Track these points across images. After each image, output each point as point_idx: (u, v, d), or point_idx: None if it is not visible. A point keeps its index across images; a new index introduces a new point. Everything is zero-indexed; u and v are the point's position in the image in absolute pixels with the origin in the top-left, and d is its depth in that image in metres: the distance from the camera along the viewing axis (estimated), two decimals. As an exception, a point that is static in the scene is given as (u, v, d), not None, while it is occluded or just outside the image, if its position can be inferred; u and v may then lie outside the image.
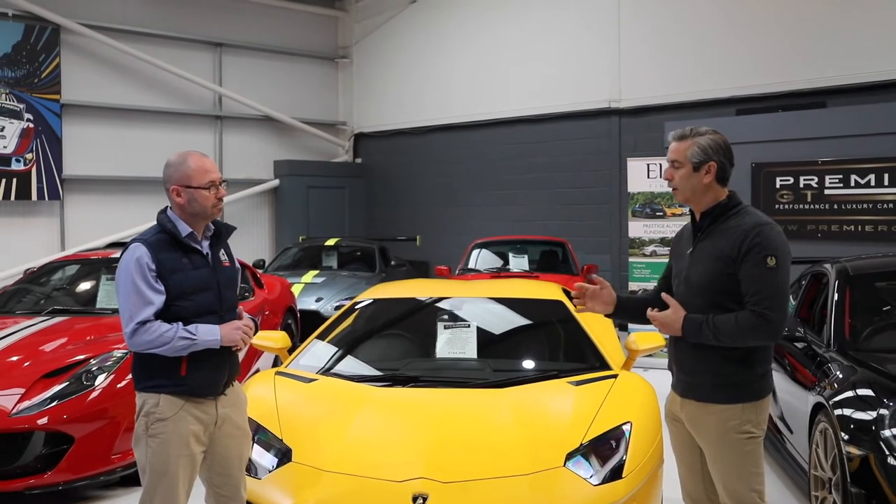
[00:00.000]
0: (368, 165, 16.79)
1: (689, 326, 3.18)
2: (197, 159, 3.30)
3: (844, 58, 10.20)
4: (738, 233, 3.17)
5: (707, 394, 3.24)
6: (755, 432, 3.20)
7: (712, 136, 3.26)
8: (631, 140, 12.48)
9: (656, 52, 12.13)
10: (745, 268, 3.12)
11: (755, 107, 10.70)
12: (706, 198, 3.28)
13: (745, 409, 3.19)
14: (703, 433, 3.28)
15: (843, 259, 5.72)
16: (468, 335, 4.94)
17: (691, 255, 3.33)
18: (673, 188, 3.35)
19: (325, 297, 10.37)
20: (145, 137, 14.05)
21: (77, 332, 6.05)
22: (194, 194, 3.25)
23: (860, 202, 9.04)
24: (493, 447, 3.82)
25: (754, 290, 3.10)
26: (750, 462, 3.19)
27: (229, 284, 3.41)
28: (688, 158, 3.24)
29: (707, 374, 3.23)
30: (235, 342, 3.31)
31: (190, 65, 14.57)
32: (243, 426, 3.49)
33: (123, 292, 3.18)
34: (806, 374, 4.95)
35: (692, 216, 3.39)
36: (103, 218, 13.47)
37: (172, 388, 3.24)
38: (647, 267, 9.94)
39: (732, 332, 3.10)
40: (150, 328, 3.14)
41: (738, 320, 3.09)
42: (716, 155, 3.23)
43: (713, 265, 3.20)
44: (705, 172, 3.23)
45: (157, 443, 3.22)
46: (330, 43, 17.02)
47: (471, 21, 14.65)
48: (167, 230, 3.26)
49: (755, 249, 3.11)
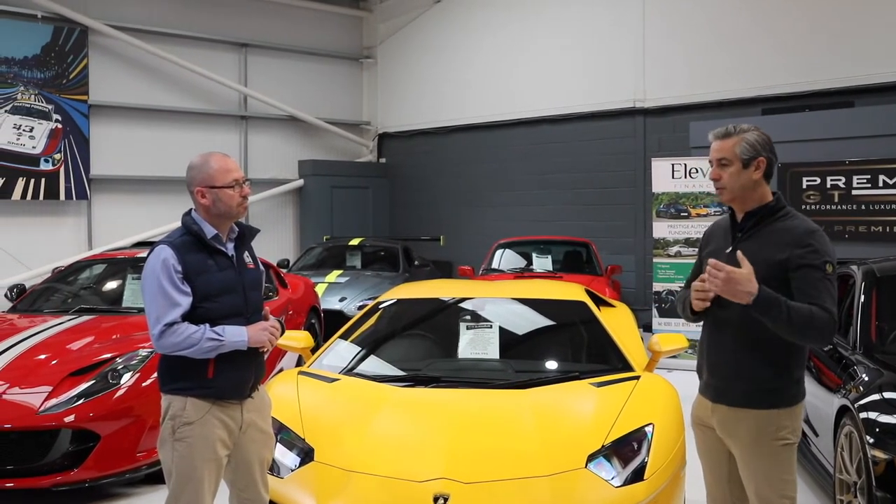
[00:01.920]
0: (392, 165, 16.83)
1: (763, 296, 2.94)
2: (219, 159, 3.31)
3: (872, 57, 10.08)
4: (790, 237, 3.09)
5: (741, 399, 3.16)
6: (790, 438, 3.13)
7: (756, 132, 3.19)
8: (655, 140, 12.42)
9: (681, 51, 12.05)
10: (804, 272, 3.03)
11: (781, 106, 10.62)
12: (753, 196, 3.19)
13: (781, 414, 3.12)
14: (736, 439, 3.19)
15: (869, 261, 5.65)
16: (490, 336, 4.95)
17: (730, 256, 3.16)
18: (720, 188, 3.24)
19: (348, 297, 10.40)
20: (171, 138, 14.17)
21: (103, 331, 6.12)
22: (219, 194, 3.26)
23: (888, 203, 8.94)
24: (515, 448, 3.82)
25: (815, 295, 3.00)
26: (783, 469, 3.12)
27: (254, 286, 3.43)
28: (737, 155, 3.15)
29: (742, 379, 3.15)
30: (262, 343, 3.31)
31: (215, 65, 14.68)
32: (267, 430, 3.50)
33: (150, 294, 3.18)
34: (831, 377, 4.90)
35: (732, 214, 3.29)
36: (130, 217, 13.61)
37: (199, 390, 3.23)
38: (672, 268, 9.88)
39: (805, 322, 2.95)
40: (177, 330, 3.14)
41: (814, 314, 2.95)
42: (764, 150, 3.16)
43: (760, 268, 3.02)
44: (755, 168, 3.15)
45: (183, 447, 3.21)
46: (354, 43, 17.08)
47: (494, 20, 14.64)
48: (192, 232, 3.27)
49: (815, 256, 3.04)
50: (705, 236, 3.52)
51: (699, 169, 9.69)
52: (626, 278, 12.10)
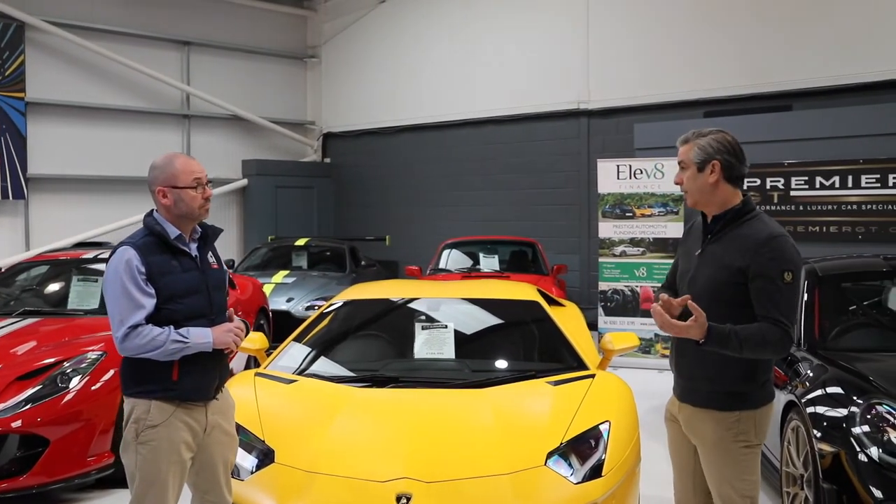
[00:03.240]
0: (337, 165, 16.77)
1: (715, 336, 3.00)
2: (183, 160, 3.28)
3: (809, 62, 10.39)
4: (750, 242, 3.12)
5: (705, 399, 3.22)
6: (753, 441, 3.18)
7: (714, 136, 3.24)
8: (600, 141, 12.59)
9: (625, 54, 12.25)
10: (760, 282, 3.07)
11: (723, 109, 10.87)
12: (715, 199, 3.24)
13: (743, 417, 3.16)
14: (699, 438, 3.27)
15: (811, 260, 5.83)
16: (446, 336, 4.97)
17: (700, 257, 3.28)
18: (683, 191, 3.33)
19: (296, 298, 10.36)
20: (112, 136, 13.91)
21: (49, 334, 6.00)
22: (181, 194, 3.23)
23: (825, 203, 9.23)
24: (475, 447, 3.85)
25: (772, 306, 3.04)
26: (745, 470, 3.18)
27: (218, 287, 3.40)
28: (691, 159, 3.24)
29: (706, 380, 3.21)
30: (227, 344, 3.29)
31: (157, 63, 14.45)
32: (231, 432, 3.48)
33: (113, 296, 3.13)
34: (777, 374, 5.04)
35: (703, 216, 3.35)
36: (69, 218, 13.32)
37: (164, 393, 3.19)
38: (617, 267, 10.04)
39: (758, 345, 3.02)
40: (141, 332, 3.10)
41: (765, 334, 3.02)
42: (718, 153, 3.19)
43: (721, 273, 3.15)
44: (710, 172, 3.20)
45: (147, 450, 3.17)
46: (299, 42, 16.97)
47: (440, 21, 14.69)
48: (155, 232, 3.23)
49: (772, 264, 3.06)
50: (684, 234, 3.60)
51: (644, 170, 9.86)
52: (571, 277, 12.26)
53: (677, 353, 3.35)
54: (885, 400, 4.01)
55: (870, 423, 3.93)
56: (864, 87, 9.92)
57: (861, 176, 9.06)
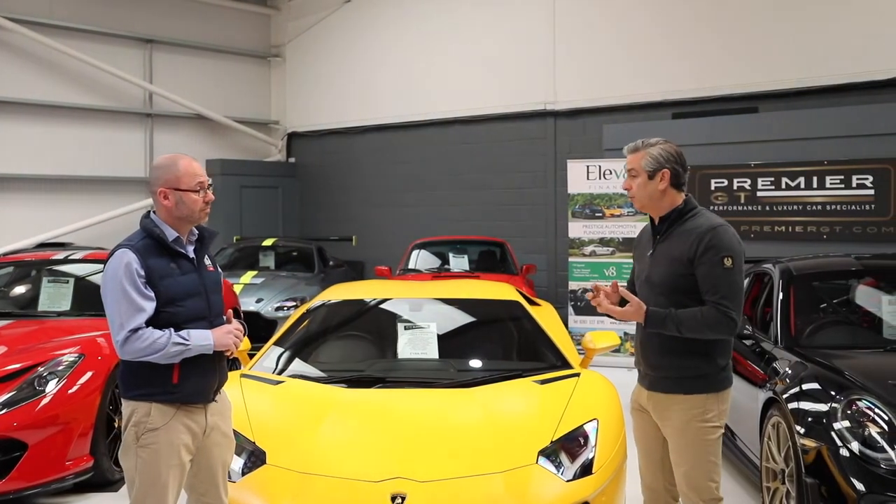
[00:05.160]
0: (302, 165, 16.67)
1: (652, 318, 3.36)
2: (186, 162, 3.26)
3: (775, 64, 10.52)
4: (693, 235, 3.39)
5: (673, 385, 3.46)
6: (717, 422, 3.43)
7: (663, 146, 3.50)
8: (566, 142, 12.66)
9: (592, 55, 12.31)
10: (703, 268, 3.34)
11: (690, 110, 10.98)
12: (663, 203, 3.51)
13: (708, 399, 3.42)
14: (668, 423, 3.49)
15: (784, 259, 5.95)
16: (429, 336, 5.00)
17: (651, 258, 3.56)
18: (631, 197, 3.58)
19: (265, 298, 10.28)
20: (74, 135, 13.66)
21: (20, 337, 5.89)
22: (182, 197, 3.21)
23: (790, 204, 9.41)
24: (466, 446, 3.88)
25: (713, 289, 3.32)
26: (710, 452, 3.42)
27: (215, 289, 3.38)
28: (642, 168, 3.48)
29: (672, 367, 3.45)
30: (228, 346, 3.27)
31: (119, 61, 14.22)
32: (229, 433, 3.46)
33: (113, 300, 3.09)
34: (755, 372, 5.13)
35: (651, 220, 3.61)
36: (30, 218, 13.05)
37: (164, 395, 3.17)
38: (587, 266, 10.13)
39: (695, 325, 3.32)
40: (142, 336, 3.07)
41: (703, 314, 3.31)
42: (668, 163, 3.47)
43: (672, 267, 3.43)
44: (660, 180, 3.47)
45: (147, 453, 3.14)
46: (262, 41, 16.84)
47: (405, 21, 14.67)
48: (154, 235, 3.20)
49: (711, 251, 3.33)
50: (636, 241, 3.89)
51: (613, 171, 9.96)
52: (539, 277, 12.32)
53: (642, 346, 3.58)
54: (864, 395, 4.10)
55: (850, 418, 4.02)
56: (828, 90, 10.07)
57: (826, 177, 9.25)
